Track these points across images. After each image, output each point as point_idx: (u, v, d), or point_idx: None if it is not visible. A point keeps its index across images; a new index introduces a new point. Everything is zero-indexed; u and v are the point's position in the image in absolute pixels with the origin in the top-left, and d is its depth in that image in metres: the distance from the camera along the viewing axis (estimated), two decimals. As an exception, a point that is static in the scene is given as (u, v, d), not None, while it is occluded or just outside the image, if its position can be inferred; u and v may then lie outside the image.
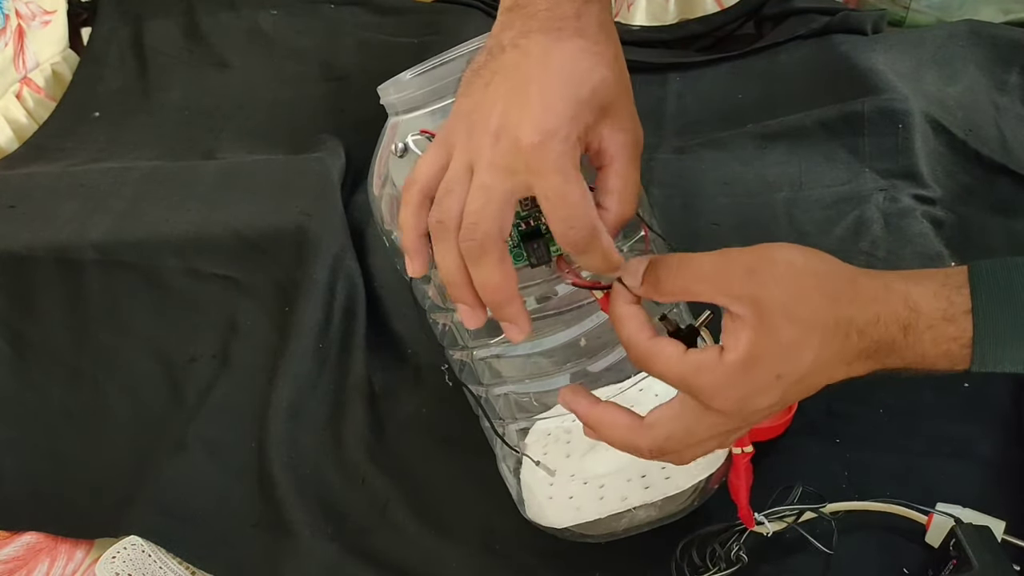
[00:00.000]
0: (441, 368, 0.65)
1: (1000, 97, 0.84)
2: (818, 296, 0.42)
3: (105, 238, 0.75)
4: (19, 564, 0.61)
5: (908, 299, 0.42)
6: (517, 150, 0.40)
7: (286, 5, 1.06)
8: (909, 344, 0.42)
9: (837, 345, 0.42)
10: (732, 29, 1.01)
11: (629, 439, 0.45)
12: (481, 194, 0.41)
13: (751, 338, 0.41)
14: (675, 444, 0.44)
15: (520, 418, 0.57)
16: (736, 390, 0.41)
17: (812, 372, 0.42)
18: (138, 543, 0.60)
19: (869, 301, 0.42)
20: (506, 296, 0.43)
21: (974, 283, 0.42)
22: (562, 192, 0.40)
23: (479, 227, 0.41)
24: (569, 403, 0.47)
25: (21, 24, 1.00)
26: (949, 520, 0.53)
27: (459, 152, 0.43)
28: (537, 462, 0.55)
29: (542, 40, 0.42)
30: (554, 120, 0.40)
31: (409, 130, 0.50)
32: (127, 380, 0.71)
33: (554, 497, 0.55)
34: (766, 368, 0.41)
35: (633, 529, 0.55)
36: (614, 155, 0.44)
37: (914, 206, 0.74)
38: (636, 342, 0.43)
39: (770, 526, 0.54)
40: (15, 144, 0.97)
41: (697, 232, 0.76)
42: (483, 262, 0.42)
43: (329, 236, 0.75)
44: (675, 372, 0.42)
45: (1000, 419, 0.61)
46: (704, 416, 0.43)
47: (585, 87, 0.42)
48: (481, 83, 0.43)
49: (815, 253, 0.43)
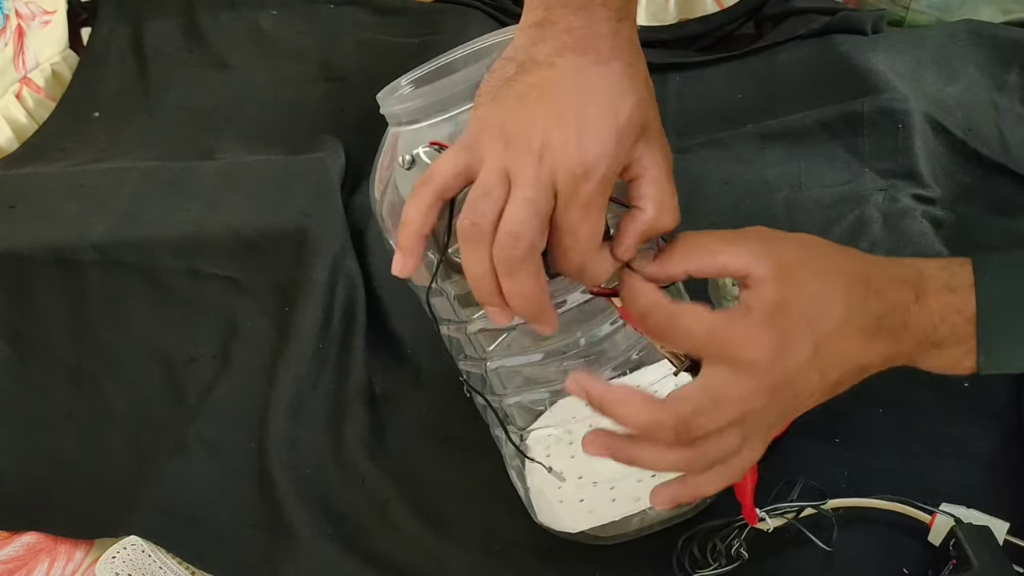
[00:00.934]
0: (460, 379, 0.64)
1: (1000, 97, 0.84)
2: (836, 254, 0.44)
3: (105, 238, 0.75)
4: (19, 564, 0.61)
5: (915, 266, 0.44)
6: (559, 174, 0.41)
7: (286, 5, 1.06)
8: (920, 311, 0.43)
9: (858, 299, 0.42)
10: (732, 29, 1.01)
11: (650, 415, 0.42)
12: (527, 207, 0.41)
13: (776, 291, 0.41)
14: (703, 419, 0.41)
15: (525, 426, 0.57)
16: (768, 335, 0.41)
17: (840, 327, 0.41)
18: (138, 543, 0.60)
19: (881, 263, 0.44)
20: (540, 305, 0.43)
21: (976, 264, 0.43)
22: (575, 227, 0.41)
23: (522, 239, 0.41)
24: (581, 386, 0.43)
25: (21, 24, 1.00)
26: (950, 520, 0.53)
27: (493, 160, 0.42)
28: (549, 468, 0.54)
29: (578, 61, 0.43)
30: (597, 153, 0.41)
31: (412, 142, 0.49)
32: (127, 380, 0.71)
33: (565, 501, 0.55)
34: (795, 315, 0.41)
35: (646, 529, 0.55)
36: (648, 167, 0.44)
37: (914, 206, 0.74)
38: (658, 306, 0.43)
39: (771, 522, 0.54)
40: (15, 144, 0.97)
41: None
42: (521, 273, 0.42)
43: (329, 236, 0.75)
44: (704, 326, 0.41)
45: (1000, 419, 0.61)
46: (734, 380, 0.41)
47: (624, 115, 0.42)
48: (514, 95, 0.43)
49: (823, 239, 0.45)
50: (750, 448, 0.44)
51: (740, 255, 0.42)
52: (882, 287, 0.43)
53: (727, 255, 0.42)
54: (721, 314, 0.41)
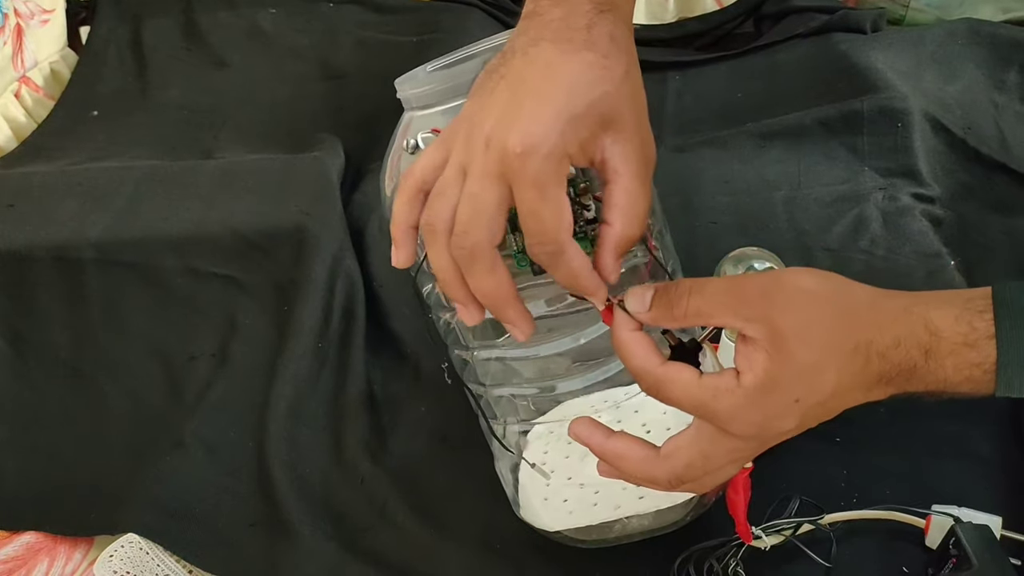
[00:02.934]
0: (441, 366, 0.65)
1: (999, 95, 0.84)
2: (834, 320, 0.41)
3: (104, 237, 0.75)
4: (18, 564, 0.61)
5: (929, 323, 0.41)
6: (503, 159, 0.40)
7: (285, 4, 1.06)
8: (931, 369, 0.41)
9: (856, 369, 0.41)
10: (731, 28, 1.01)
11: (646, 471, 0.44)
12: (470, 203, 0.41)
13: (766, 361, 0.40)
14: (694, 472, 0.43)
15: (519, 420, 0.57)
16: (755, 414, 0.41)
17: (831, 397, 0.41)
18: (136, 541, 0.60)
19: (889, 324, 0.41)
20: (502, 300, 0.43)
21: (997, 308, 0.41)
22: (535, 208, 0.40)
23: (469, 236, 0.41)
24: (582, 436, 0.46)
25: (20, 23, 0.99)
26: (948, 520, 0.53)
27: (455, 154, 0.43)
28: (533, 464, 0.55)
29: (549, 49, 0.42)
30: (540, 132, 0.40)
31: (422, 127, 0.50)
32: (126, 379, 0.71)
33: (549, 499, 0.55)
34: (784, 392, 0.41)
35: (624, 538, 0.55)
36: (618, 170, 0.43)
37: (913, 204, 0.74)
38: (648, 370, 0.43)
39: (768, 540, 0.53)
40: (14, 143, 0.97)
41: (696, 230, 0.76)
42: (474, 270, 0.42)
43: (328, 235, 0.75)
44: (692, 398, 0.42)
45: (1000, 419, 0.61)
46: (722, 441, 0.42)
47: (581, 101, 0.41)
48: (489, 87, 0.43)
49: (830, 276, 0.43)
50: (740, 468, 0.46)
51: (733, 320, 0.41)
52: (886, 352, 0.41)
53: (721, 319, 0.42)
54: (708, 387, 0.41)
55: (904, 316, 0.42)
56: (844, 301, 0.42)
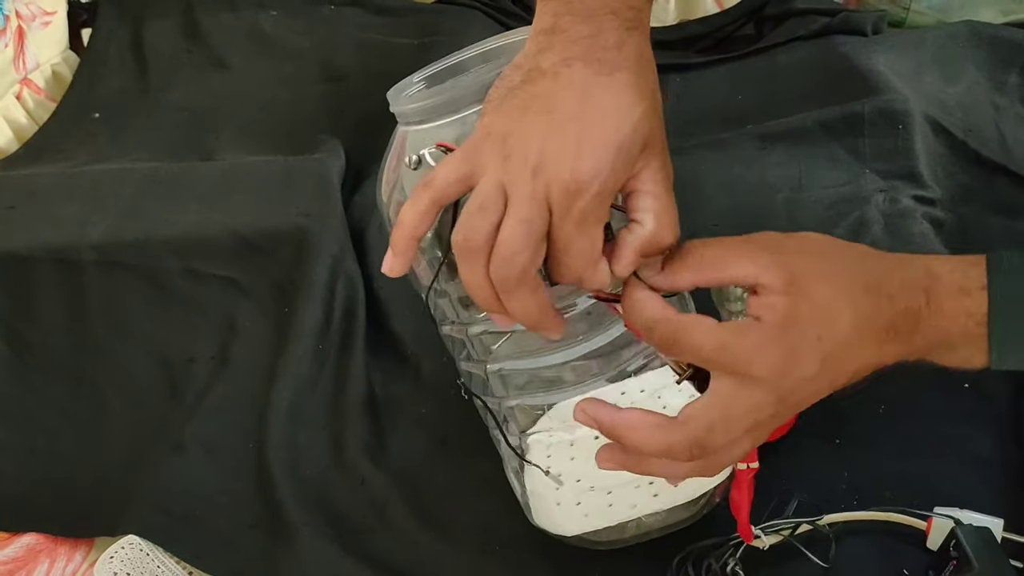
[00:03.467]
0: (457, 381, 0.64)
1: (1000, 98, 0.84)
2: (846, 260, 0.43)
3: (104, 239, 0.75)
4: (19, 565, 0.61)
5: (928, 268, 0.43)
6: (552, 190, 0.40)
7: (286, 5, 1.06)
8: (932, 315, 0.42)
9: (869, 310, 0.41)
10: (732, 30, 1.01)
11: (662, 440, 0.42)
12: (524, 229, 0.41)
13: (786, 302, 0.40)
14: (715, 438, 0.41)
15: (526, 428, 0.57)
16: (777, 350, 0.40)
17: (849, 339, 0.41)
18: (136, 542, 0.60)
19: (893, 267, 0.43)
20: (543, 317, 0.43)
21: (990, 264, 0.43)
22: (568, 242, 0.41)
23: (518, 260, 0.41)
24: (589, 414, 0.44)
25: (21, 25, 1.00)
26: (949, 522, 0.53)
27: (492, 173, 0.42)
28: (546, 471, 0.54)
29: (583, 72, 0.42)
30: (592, 168, 0.40)
31: (420, 142, 0.49)
32: (126, 380, 0.71)
33: (562, 504, 0.55)
34: (805, 328, 0.40)
35: (642, 536, 0.55)
36: (647, 180, 0.43)
37: (914, 207, 0.74)
38: (665, 317, 0.42)
39: (767, 540, 0.53)
40: (15, 145, 0.97)
41: (697, 233, 0.73)
42: (519, 294, 0.42)
43: (328, 237, 0.75)
44: (712, 339, 0.41)
45: (999, 419, 0.61)
46: (742, 396, 0.41)
47: (625, 128, 0.41)
48: (518, 105, 0.42)
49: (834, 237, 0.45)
50: (755, 444, 0.44)
51: (749, 267, 0.41)
52: (894, 292, 0.42)
53: (736, 268, 0.42)
54: (728, 328, 0.41)
55: (906, 262, 0.44)
56: (852, 248, 0.44)
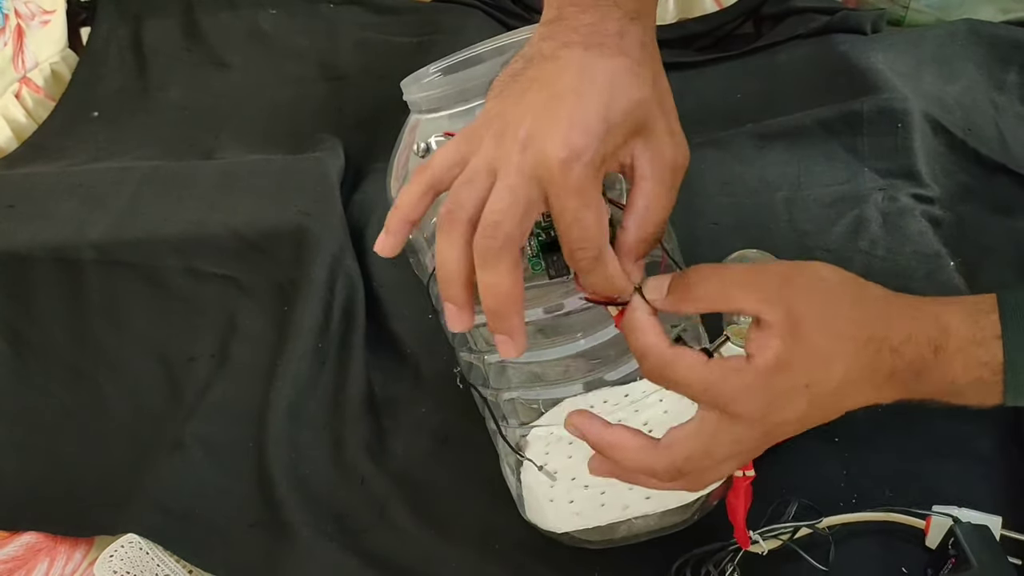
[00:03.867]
0: (453, 371, 0.64)
1: (999, 96, 0.84)
2: (851, 310, 0.42)
3: (104, 238, 0.75)
4: (18, 564, 0.61)
5: (939, 319, 0.42)
6: (542, 163, 0.40)
7: (285, 4, 1.06)
8: (939, 366, 0.42)
9: (867, 360, 0.41)
10: (731, 28, 1.01)
11: (644, 461, 0.43)
12: (508, 194, 0.40)
13: (781, 344, 0.40)
14: (693, 465, 0.42)
15: (520, 423, 0.57)
16: (763, 394, 0.41)
17: (841, 387, 0.41)
18: (136, 541, 0.60)
19: (901, 319, 0.42)
20: (511, 306, 0.41)
21: (1003, 309, 0.42)
22: (576, 216, 0.40)
23: (502, 227, 0.40)
24: (578, 427, 0.45)
25: (20, 24, 1.00)
26: (947, 520, 0.53)
27: (483, 152, 0.42)
28: (541, 467, 0.54)
29: (582, 54, 0.42)
30: (582, 139, 0.40)
31: (430, 130, 0.49)
32: (126, 379, 0.71)
33: (555, 500, 0.55)
34: (795, 375, 0.41)
35: (631, 538, 0.55)
36: (644, 175, 0.43)
37: (913, 205, 0.74)
38: (656, 349, 0.42)
39: (765, 544, 0.53)
40: (14, 144, 0.97)
41: (696, 232, 0.76)
42: (497, 265, 0.40)
43: (328, 236, 0.75)
44: (698, 377, 0.41)
45: (999, 419, 0.60)
46: (725, 430, 0.42)
47: (618, 107, 0.41)
48: (517, 89, 0.43)
49: (847, 273, 0.44)
50: (740, 466, 0.46)
51: (752, 302, 0.41)
52: (898, 347, 0.41)
53: (740, 302, 0.42)
54: (716, 367, 0.41)
55: (915, 313, 0.42)
56: (860, 294, 0.43)
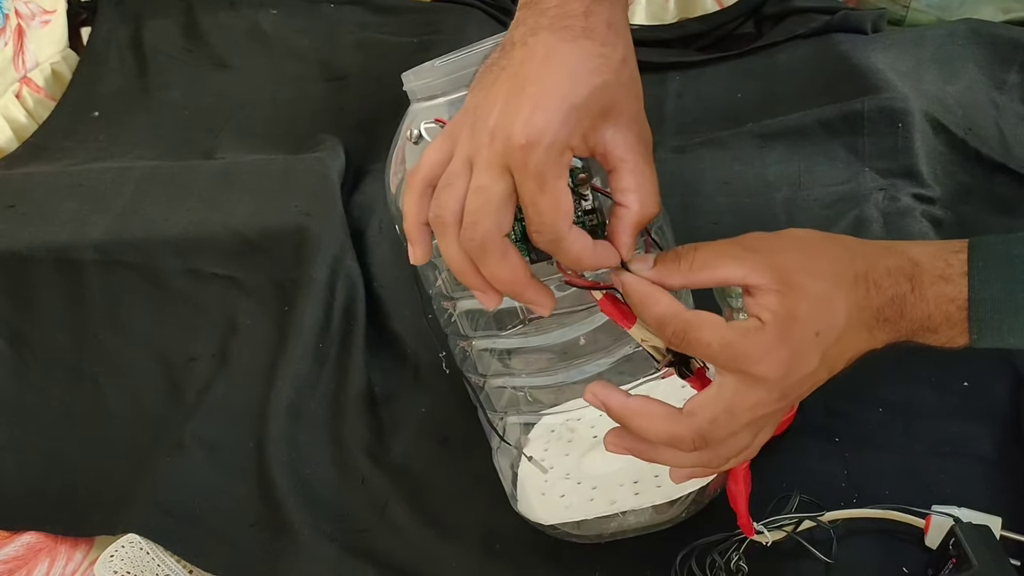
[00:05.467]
0: (439, 355, 0.65)
1: (1000, 96, 0.84)
2: (832, 252, 0.44)
3: (105, 238, 0.75)
4: (19, 564, 0.61)
5: (911, 256, 0.44)
6: (507, 150, 0.41)
7: (286, 5, 1.06)
8: (916, 302, 0.43)
9: (860, 299, 0.43)
10: (732, 28, 1.01)
11: (669, 429, 0.43)
12: (478, 195, 0.41)
13: (780, 299, 0.41)
14: (718, 430, 0.42)
15: (518, 412, 0.57)
16: (782, 350, 0.41)
17: (846, 329, 0.42)
18: (136, 541, 0.60)
19: (877, 256, 0.44)
20: (519, 285, 0.43)
21: (971, 249, 0.44)
22: (534, 199, 0.41)
23: (478, 227, 0.41)
24: (600, 397, 0.44)
25: (21, 24, 1.00)
26: (948, 520, 0.53)
27: (461, 146, 0.43)
28: (531, 458, 0.55)
29: (548, 39, 0.42)
30: (542, 124, 0.40)
31: (424, 118, 0.50)
32: (126, 379, 0.71)
33: (546, 494, 0.55)
34: (804, 324, 0.41)
35: (620, 534, 0.55)
36: (623, 156, 0.43)
37: (913, 205, 0.74)
38: (675, 313, 0.42)
39: (769, 535, 0.53)
40: (15, 144, 0.97)
41: (696, 231, 0.76)
42: (487, 260, 0.42)
43: (329, 236, 0.75)
44: (722, 338, 0.41)
45: (1000, 419, 0.60)
46: (747, 391, 0.42)
47: (582, 91, 0.41)
48: (489, 79, 0.43)
49: (820, 231, 0.46)
50: (759, 439, 0.45)
51: (736, 269, 0.42)
52: (880, 281, 0.43)
53: (724, 270, 0.43)
54: (735, 328, 0.42)
55: (889, 250, 0.45)
56: (836, 239, 0.46)
